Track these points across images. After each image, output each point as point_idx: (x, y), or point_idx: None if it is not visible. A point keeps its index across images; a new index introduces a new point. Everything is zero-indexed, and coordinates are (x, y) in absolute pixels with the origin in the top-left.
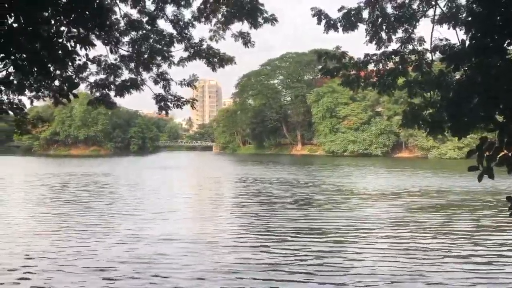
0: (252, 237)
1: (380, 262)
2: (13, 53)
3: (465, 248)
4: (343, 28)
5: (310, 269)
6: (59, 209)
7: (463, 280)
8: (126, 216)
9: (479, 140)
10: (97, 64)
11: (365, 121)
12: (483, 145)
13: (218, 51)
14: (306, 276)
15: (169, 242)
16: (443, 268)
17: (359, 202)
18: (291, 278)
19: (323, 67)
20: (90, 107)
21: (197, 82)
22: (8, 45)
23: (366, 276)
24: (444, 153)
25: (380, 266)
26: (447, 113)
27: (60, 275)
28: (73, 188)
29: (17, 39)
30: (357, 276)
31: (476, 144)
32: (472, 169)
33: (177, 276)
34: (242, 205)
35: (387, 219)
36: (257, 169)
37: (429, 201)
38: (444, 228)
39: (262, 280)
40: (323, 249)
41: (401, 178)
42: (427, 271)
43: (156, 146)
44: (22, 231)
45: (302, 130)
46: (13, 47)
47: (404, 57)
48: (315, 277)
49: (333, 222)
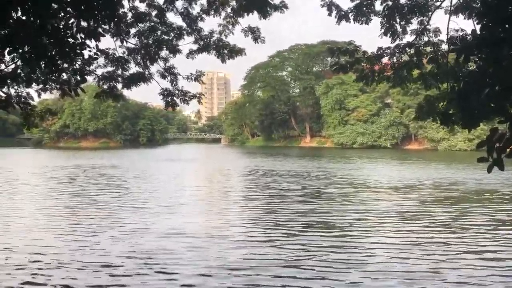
0: (261, 231)
1: (394, 259)
2: (21, 47)
3: (482, 244)
4: (354, 18)
5: (321, 265)
6: (66, 202)
7: (482, 278)
8: (134, 209)
9: (489, 131)
10: (104, 57)
11: (375, 113)
12: (494, 137)
13: (228, 43)
14: (317, 273)
15: (176, 237)
16: (460, 265)
17: (371, 195)
18: (302, 275)
19: (336, 63)
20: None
21: (205, 74)
22: (16, 38)
23: (379, 273)
24: (454, 145)
25: (394, 262)
26: (457, 104)
27: (63, 271)
28: (81, 180)
29: (25, 32)
30: (370, 273)
31: (486, 135)
32: (482, 160)
33: (185, 273)
34: (251, 198)
35: (400, 213)
36: (267, 161)
37: (443, 194)
38: (460, 222)
39: (271, 277)
40: (335, 244)
41: (413, 170)
42: (443, 268)
43: (165, 138)
44: (27, 225)
45: (311, 122)
46: (21, 40)
47: (419, 49)
48: (326, 273)
49: (345, 216)
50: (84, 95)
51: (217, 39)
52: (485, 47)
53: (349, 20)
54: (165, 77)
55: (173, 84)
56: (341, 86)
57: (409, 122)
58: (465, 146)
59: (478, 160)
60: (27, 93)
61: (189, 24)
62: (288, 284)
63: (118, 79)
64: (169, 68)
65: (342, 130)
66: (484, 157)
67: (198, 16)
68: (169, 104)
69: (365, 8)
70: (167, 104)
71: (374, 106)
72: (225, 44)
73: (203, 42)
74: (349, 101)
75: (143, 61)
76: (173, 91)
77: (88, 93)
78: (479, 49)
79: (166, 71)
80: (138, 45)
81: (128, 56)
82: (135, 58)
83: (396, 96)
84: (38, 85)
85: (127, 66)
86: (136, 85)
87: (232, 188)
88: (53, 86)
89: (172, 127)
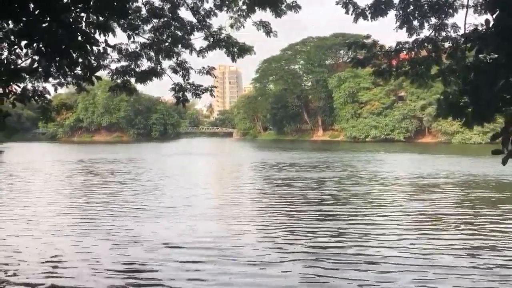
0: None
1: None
2: (36, 40)
3: None
4: (371, 15)
5: (336, 266)
6: (70, 199)
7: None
8: (137, 211)
9: (504, 123)
10: (117, 51)
11: (388, 106)
12: (508, 129)
13: (237, 41)
14: (332, 272)
15: (181, 246)
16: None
17: (394, 192)
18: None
19: (353, 58)
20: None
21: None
22: (31, 31)
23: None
24: (469, 138)
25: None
26: (469, 97)
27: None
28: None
29: (40, 26)
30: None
31: (501, 127)
32: (496, 152)
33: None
34: (266, 197)
35: (429, 213)
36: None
37: (479, 192)
38: (495, 226)
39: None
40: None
41: (440, 164)
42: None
43: (177, 132)
44: (36, 224)
45: (323, 116)
46: (35, 34)
47: (437, 44)
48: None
49: (368, 215)
50: (97, 89)
51: (226, 36)
52: (499, 38)
53: (366, 18)
54: (177, 72)
55: (185, 78)
56: (354, 79)
57: (423, 115)
58: (479, 139)
59: (493, 153)
60: (43, 88)
61: (199, 19)
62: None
63: (131, 74)
64: (181, 62)
65: (354, 123)
66: (499, 150)
67: (210, 11)
68: (180, 100)
69: (383, 6)
70: (178, 101)
71: (387, 99)
72: (234, 42)
73: (213, 39)
74: (362, 94)
75: (155, 56)
76: (184, 85)
77: (101, 87)
78: (493, 40)
79: (178, 66)
80: (150, 40)
81: (140, 51)
82: (147, 53)
83: (409, 89)
84: (55, 79)
85: (140, 61)
86: (150, 79)
87: (246, 184)
88: (69, 81)
89: (184, 121)
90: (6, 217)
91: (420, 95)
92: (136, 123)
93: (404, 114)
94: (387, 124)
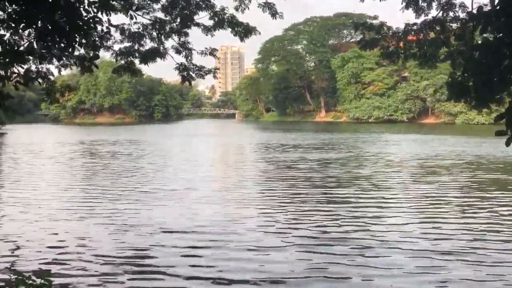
0: (279, 228)
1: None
2: (35, 22)
3: None
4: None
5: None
6: (70, 182)
7: None
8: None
9: (508, 104)
10: (120, 32)
11: (391, 87)
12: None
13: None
14: (335, 257)
15: (184, 231)
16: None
17: (400, 174)
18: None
19: (361, 39)
20: (114, 75)
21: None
22: (29, 13)
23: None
24: (472, 119)
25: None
26: (473, 77)
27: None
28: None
29: (38, 8)
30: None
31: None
32: (500, 133)
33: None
34: (270, 179)
35: (435, 196)
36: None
37: (486, 174)
38: (504, 209)
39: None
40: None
41: (445, 145)
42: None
43: (179, 114)
44: (35, 208)
45: (326, 97)
46: (35, 15)
47: (445, 25)
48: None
49: (373, 198)
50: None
51: (230, 15)
52: (504, 16)
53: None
54: (180, 52)
55: (188, 59)
56: (357, 59)
57: (426, 96)
58: (483, 119)
59: (496, 134)
60: (47, 69)
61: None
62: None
63: (135, 54)
64: (184, 43)
65: (357, 104)
66: (503, 131)
67: None
68: (185, 78)
69: None
70: (183, 79)
71: (390, 80)
72: (238, 22)
73: (217, 18)
74: (365, 74)
75: (157, 36)
76: (188, 66)
77: (103, 69)
78: (498, 18)
79: (181, 46)
80: (152, 20)
81: (143, 31)
82: (150, 33)
83: (413, 69)
84: (58, 61)
85: (143, 42)
86: (153, 60)
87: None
88: (72, 62)
89: (187, 103)
90: (4, 200)
91: (424, 76)
92: (138, 104)
93: (408, 95)
94: (390, 105)
